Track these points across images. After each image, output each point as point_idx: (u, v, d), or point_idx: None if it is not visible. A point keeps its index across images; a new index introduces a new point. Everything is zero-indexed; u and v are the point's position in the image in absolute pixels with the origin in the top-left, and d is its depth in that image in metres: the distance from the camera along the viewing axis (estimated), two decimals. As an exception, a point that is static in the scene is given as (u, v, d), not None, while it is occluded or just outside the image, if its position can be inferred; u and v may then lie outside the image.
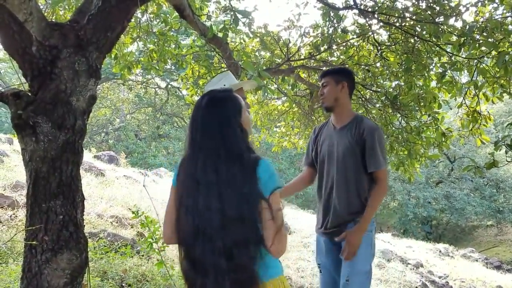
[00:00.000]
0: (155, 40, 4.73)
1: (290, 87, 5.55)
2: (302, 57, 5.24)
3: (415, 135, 4.60)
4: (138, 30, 4.59)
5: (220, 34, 3.51)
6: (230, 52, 3.82)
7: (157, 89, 22.37)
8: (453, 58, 3.92)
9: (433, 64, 4.48)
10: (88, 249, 2.79)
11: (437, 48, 4.06)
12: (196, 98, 5.28)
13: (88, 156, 9.60)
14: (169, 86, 21.40)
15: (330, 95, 2.90)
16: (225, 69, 4.25)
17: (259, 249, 1.63)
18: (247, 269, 1.62)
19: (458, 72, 4.14)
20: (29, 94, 2.51)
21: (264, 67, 4.45)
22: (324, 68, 5.34)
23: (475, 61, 3.93)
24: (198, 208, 1.67)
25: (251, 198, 1.64)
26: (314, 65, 5.31)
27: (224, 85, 2.82)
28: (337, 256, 2.95)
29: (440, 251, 12.10)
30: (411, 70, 4.28)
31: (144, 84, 20.78)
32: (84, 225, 2.80)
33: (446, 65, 3.93)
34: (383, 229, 16.86)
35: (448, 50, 4.17)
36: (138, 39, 4.74)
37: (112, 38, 2.79)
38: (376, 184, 2.82)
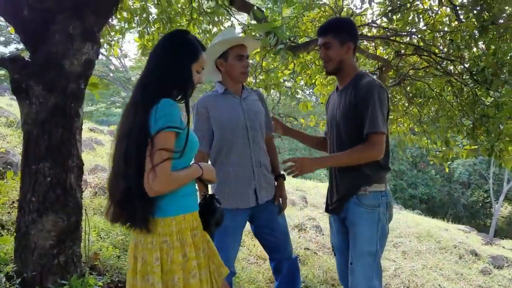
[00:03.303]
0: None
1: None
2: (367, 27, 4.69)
3: (492, 107, 3.76)
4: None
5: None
6: (266, 19, 3.52)
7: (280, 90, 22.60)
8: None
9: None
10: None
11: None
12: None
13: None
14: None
15: (335, 59, 2.44)
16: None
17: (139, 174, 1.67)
18: (132, 183, 1.67)
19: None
20: (25, 58, 2.56)
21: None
22: (392, 38, 4.73)
23: None
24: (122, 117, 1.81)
25: (139, 124, 1.68)
26: (380, 34, 4.71)
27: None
28: (347, 236, 2.52)
29: None
30: (487, 31, 3.52)
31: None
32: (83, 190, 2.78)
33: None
34: (508, 236, 14.52)
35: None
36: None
37: (112, 1, 2.73)
38: (366, 145, 2.27)
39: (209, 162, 2.72)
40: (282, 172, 2.96)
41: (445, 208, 26.16)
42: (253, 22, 3.98)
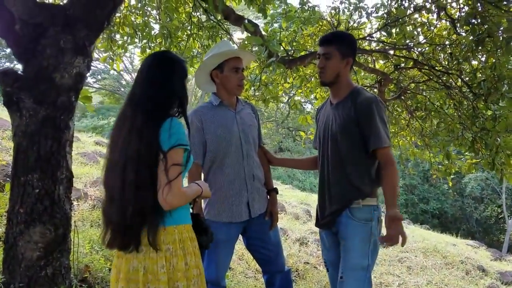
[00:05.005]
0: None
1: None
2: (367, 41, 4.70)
3: (491, 121, 3.72)
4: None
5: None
6: (260, 32, 3.56)
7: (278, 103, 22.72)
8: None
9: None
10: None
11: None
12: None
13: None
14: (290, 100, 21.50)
15: (332, 71, 2.45)
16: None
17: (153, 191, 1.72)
18: (147, 204, 1.71)
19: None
20: (16, 72, 2.61)
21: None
22: (391, 52, 4.73)
23: None
24: (117, 143, 1.81)
25: (148, 145, 1.72)
26: (378, 48, 4.71)
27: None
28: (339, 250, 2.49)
29: None
30: (483, 44, 3.51)
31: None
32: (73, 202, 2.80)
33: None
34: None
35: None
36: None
37: (103, 15, 2.77)
38: (384, 168, 2.31)
39: (202, 174, 2.73)
40: (274, 186, 2.96)
41: (457, 223, 25.77)
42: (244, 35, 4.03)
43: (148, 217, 1.73)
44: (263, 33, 3.70)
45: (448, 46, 4.48)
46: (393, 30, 4.52)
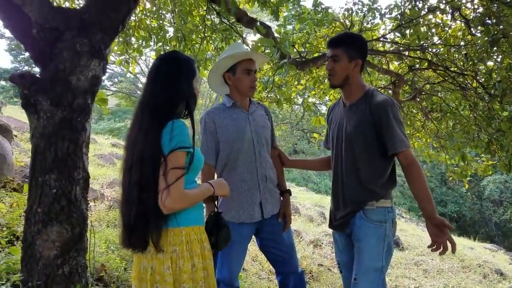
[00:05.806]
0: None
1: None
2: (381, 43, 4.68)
3: (506, 122, 3.67)
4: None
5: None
6: (273, 34, 3.58)
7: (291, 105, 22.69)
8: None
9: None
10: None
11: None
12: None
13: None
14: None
15: (341, 73, 2.44)
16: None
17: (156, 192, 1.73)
18: (149, 205, 1.72)
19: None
20: (34, 74, 2.68)
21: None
22: (406, 53, 4.70)
23: None
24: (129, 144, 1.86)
25: (151, 146, 1.74)
26: (392, 49, 4.70)
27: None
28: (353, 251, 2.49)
29: None
30: (498, 44, 3.47)
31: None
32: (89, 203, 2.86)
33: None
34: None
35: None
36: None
37: (118, 19, 2.83)
38: (407, 169, 2.29)
39: (215, 175, 2.75)
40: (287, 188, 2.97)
41: (476, 227, 25.41)
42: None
43: (150, 218, 1.74)
44: (276, 35, 3.73)
45: (463, 46, 4.45)
46: (407, 31, 4.50)
